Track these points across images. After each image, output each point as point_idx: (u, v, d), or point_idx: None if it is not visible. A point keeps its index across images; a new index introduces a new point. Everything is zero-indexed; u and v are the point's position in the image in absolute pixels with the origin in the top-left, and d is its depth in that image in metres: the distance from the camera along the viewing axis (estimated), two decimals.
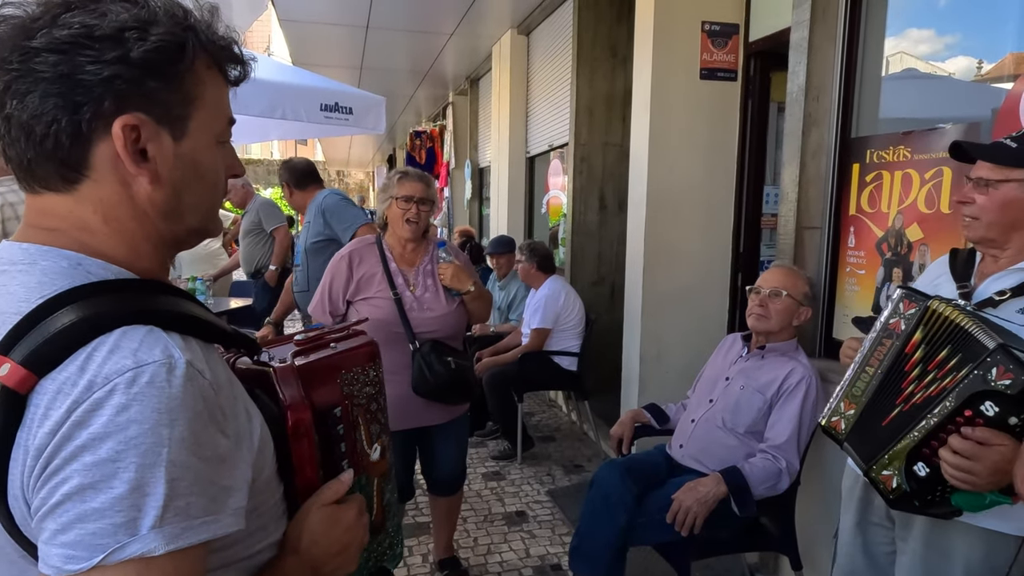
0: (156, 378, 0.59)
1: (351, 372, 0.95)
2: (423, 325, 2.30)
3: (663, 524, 2.07)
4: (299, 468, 0.82)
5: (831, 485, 2.19)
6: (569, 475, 3.82)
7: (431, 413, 2.38)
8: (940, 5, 2.25)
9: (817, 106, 2.50)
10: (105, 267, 0.67)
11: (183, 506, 0.60)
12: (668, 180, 3.42)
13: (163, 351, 0.61)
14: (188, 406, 0.61)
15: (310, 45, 6.69)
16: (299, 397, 0.83)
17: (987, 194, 1.46)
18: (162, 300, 0.67)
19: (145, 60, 0.64)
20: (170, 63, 0.67)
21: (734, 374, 2.33)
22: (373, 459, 0.97)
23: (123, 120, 0.65)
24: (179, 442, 0.59)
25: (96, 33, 0.63)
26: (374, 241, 2.40)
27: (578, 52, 4.63)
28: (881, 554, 1.71)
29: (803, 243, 2.59)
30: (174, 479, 0.59)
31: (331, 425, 0.89)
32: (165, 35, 0.66)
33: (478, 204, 8.30)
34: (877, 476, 1.44)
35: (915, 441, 1.37)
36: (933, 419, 1.34)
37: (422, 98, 9.52)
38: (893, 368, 1.48)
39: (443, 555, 2.76)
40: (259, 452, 0.72)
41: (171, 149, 0.69)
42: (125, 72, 0.64)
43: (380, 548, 1.03)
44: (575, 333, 4.10)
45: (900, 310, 1.49)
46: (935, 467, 1.34)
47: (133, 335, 0.61)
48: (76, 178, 0.67)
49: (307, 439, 0.82)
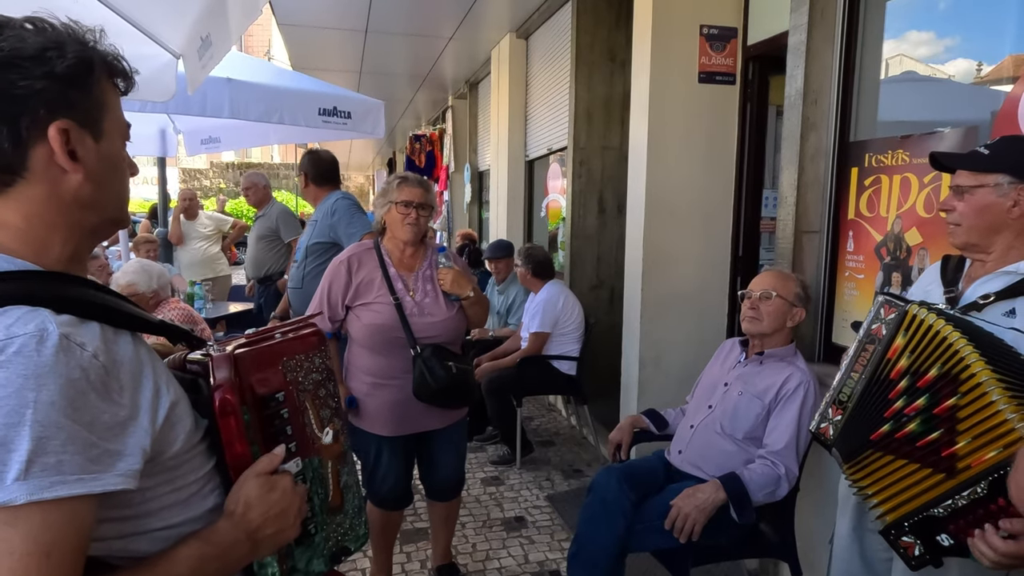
0: (25, 348, 0.67)
1: (293, 359, 1.02)
2: (424, 330, 2.29)
3: (662, 530, 2.06)
4: (227, 444, 0.89)
5: (830, 491, 2.18)
6: (568, 480, 3.81)
7: (430, 418, 2.37)
8: (940, 7, 2.24)
9: (815, 110, 2.49)
10: (9, 260, 0.76)
11: (52, 463, 0.66)
12: (667, 184, 3.42)
13: (37, 325, 0.69)
14: (59, 373, 0.68)
15: (309, 49, 6.69)
16: (227, 380, 0.90)
17: (964, 200, 1.51)
18: (60, 287, 0.76)
19: (66, 74, 0.76)
20: (85, 76, 0.79)
21: (732, 380, 2.32)
22: (326, 442, 1.04)
23: (56, 125, 0.76)
24: (47, 405, 0.66)
25: (24, 54, 0.74)
26: (372, 246, 2.40)
27: (577, 56, 4.63)
28: (878, 560, 1.71)
29: (802, 247, 2.58)
30: (41, 437, 0.66)
31: (275, 409, 0.97)
32: (78, 53, 0.78)
33: (477, 208, 8.30)
34: (897, 541, 1.41)
35: (942, 517, 1.34)
36: (962, 501, 1.30)
37: (421, 102, 9.53)
38: (876, 374, 1.49)
39: (441, 561, 2.74)
40: (166, 428, 0.80)
41: (94, 149, 0.80)
42: (52, 85, 0.75)
43: (340, 529, 1.07)
44: (574, 337, 4.09)
45: (881, 315, 1.52)
46: (961, 541, 1.30)
47: (12, 313, 0.69)
48: (12, 181, 0.76)
49: (234, 417, 0.89)
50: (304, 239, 3.42)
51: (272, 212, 4.85)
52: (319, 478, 1.02)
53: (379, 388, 2.32)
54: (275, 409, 0.97)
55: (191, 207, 5.94)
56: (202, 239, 5.99)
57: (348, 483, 1.09)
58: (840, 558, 1.78)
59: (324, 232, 3.29)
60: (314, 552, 1.01)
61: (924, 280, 1.74)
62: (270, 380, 0.97)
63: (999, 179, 1.47)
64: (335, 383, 1.09)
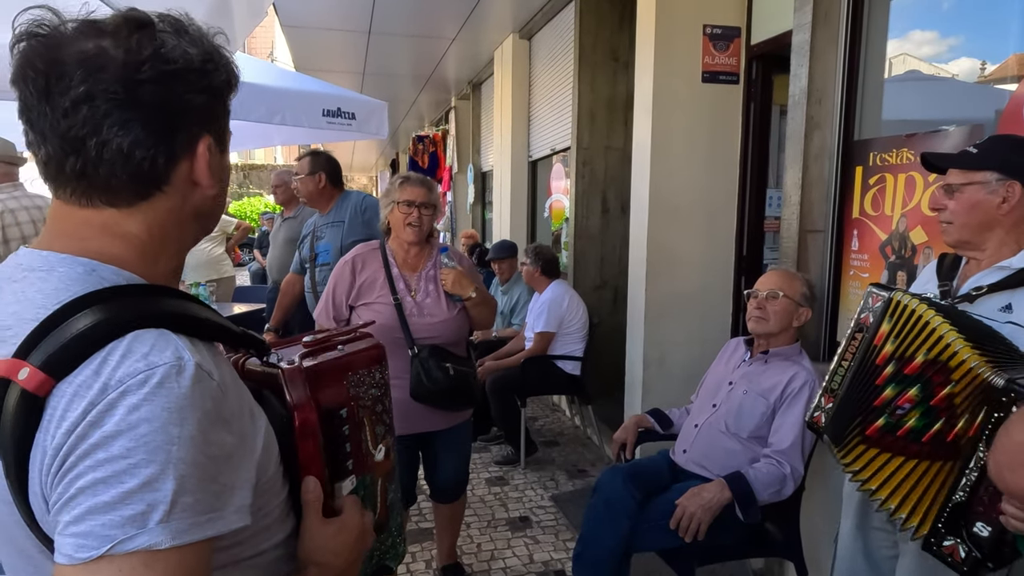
0: (166, 380, 0.62)
1: (357, 374, 0.98)
2: (423, 331, 2.30)
3: (667, 530, 2.06)
4: (305, 467, 0.84)
5: (835, 490, 2.18)
6: (573, 480, 3.81)
7: (433, 419, 2.38)
8: (943, 6, 2.24)
9: (819, 109, 2.49)
10: (117, 272, 0.71)
11: (190, 502, 0.62)
12: (670, 183, 3.42)
13: (173, 353, 0.64)
14: (197, 406, 0.64)
15: (313, 50, 6.70)
16: (306, 398, 0.85)
17: (955, 198, 1.54)
18: (170, 303, 0.70)
19: (220, 88, 0.75)
20: (228, 90, 0.77)
21: (737, 379, 2.32)
22: (378, 459, 1.00)
23: (206, 141, 0.74)
24: (187, 440, 0.62)
25: (192, 66, 0.71)
26: (378, 246, 2.41)
27: (580, 56, 4.63)
28: (882, 558, 1.71)
29: (806, 246, 2.58)
30: (182, 476, 0.61)
31: (337, 425, 0.92)
32: (227, 66, 0.76)
33: (481, 208, 8.31)
34: (940, 550, 1.37)
35: (962, 502, 1.33)
36: (973, 474, 1.31)
37: (424, 103, 9.54)
38: (864, 361, 1.54)
39: (446, 561, 2.75)
40: (263, 452, 0.74)
41: (219, 160, 0.78)
42: (207, 100, 0.73)
43: (383, 547, 1.05)
44: (578, 337, 4.09)
45: (869, 304, 1.57)
46: (995, 522, 1.26)
47: (145, 338, 0.64)
48: (150, 194, 0.73)
49: (313, 439, 0.84)
50: (334, 242, 3.34)
51: (302, 216, 4.77)
52: (370, 496, 1.00)
53: None
54: (337, 425, 0.93)
55: None
56: (206, 240, 5.97)
57: (393, 501, 1.07)
58: (844, 556, 1.79)
59: (358, 230, 3.24)
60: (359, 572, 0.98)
61: (922, 278, 1.77)
62: (335, 395, 0.93)
63: (987, 176, 1.50)
64: (390, 399, 1.06)
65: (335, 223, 3.38)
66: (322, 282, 3.30)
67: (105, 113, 0.67)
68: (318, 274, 3.35)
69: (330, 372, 0.93)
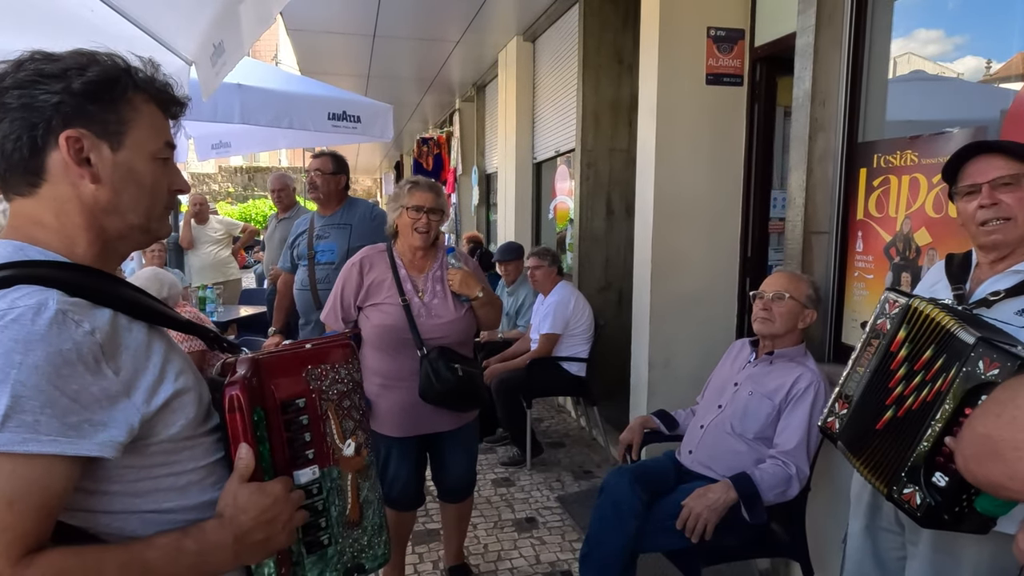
0: (21, 317, 0.75)
1: (318, 368, 1.04)
2: (431, 331, 2.31)
3: (673, 531, 2.07)
4: (233, 439, 0.91)
5: (841, 491, 2.18)
6: (578, 481, 3.82)
7: (441, 419, 2.39)
8: (948, 5, 2.25)
9: (823, 111, 2.50)
10: (43, 253, 0.85)
11: (30, 421, 0.73)
12: (675, 185, 3.43)
13: (37, 300, 0.76)
14: (49, 342, 0.75)
15: (317, 54, 6.73)
16: (240, 378, 0.92)
17: (1012, 192, 1.43)
18: (82, 276, 0.84)
19: (84, 90, 0.85)
20: (105, 92, 0.87)
21: (743, 380, 2.33)
22: (347, 454, 1.05)
23: (66, 133, 0.84)
24: (31, 368, 0.73)
25: (46, 72, 0.84)
26: (385, 248, 2.42)
27: (584, 58, 4.64)
28: (891, 559, 1.70)
29: (811, 248, 2.59)
30: (19, 396, 0.73)
31: (293, 414, 0.99)
32: (100, 72, 0.86)
33: (485, 210, 8.32)
34: (900, 497, 1.39)
35: (926, 451, 1.34)
36: (937, 424, 1.31)
37: (429, 105, 9.56)
38: (880, 366, 1.51)
39: (453, 562, 2.76)
40: (163, 411, 0.85)
41: (110, 157, 0.88)
42: (68, 99, 0.84)
43: (357, 545, 1.07)
44: (584, 339, 4.10)
45: (886, 310, 1.54)
46: (953, 473, 1.28)
47: (22, 289, 0.78)
48: (36, 182, 0.86)
49: (240, 414, 0.91)
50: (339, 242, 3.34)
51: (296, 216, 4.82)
52: (337, 489, 1.03)
53: (388, 389, 2.34)
54: (294, 415, 0.99)
55: (201, 211, 5.98)
56: (212, 243, 6.03)
57: (369, 499, 1.09)
58: (853, 558, 1.79)
59: (367, 236, 3.22)
60: (327, 564, 1.02)
61: (929, 279, 1.74)
62: (291, 386, 1.00)
63: None
64: (362, 396, 1.10)
65: (341, 225, 3.39)
66: (322, 280, 3.32)
67: None
68: (318, 272, 3.36)
69: (284, 363, 1.01)
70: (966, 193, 1.51)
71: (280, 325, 3.64)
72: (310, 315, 3.38)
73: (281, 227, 4.82)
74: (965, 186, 1.51)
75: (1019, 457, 0.75)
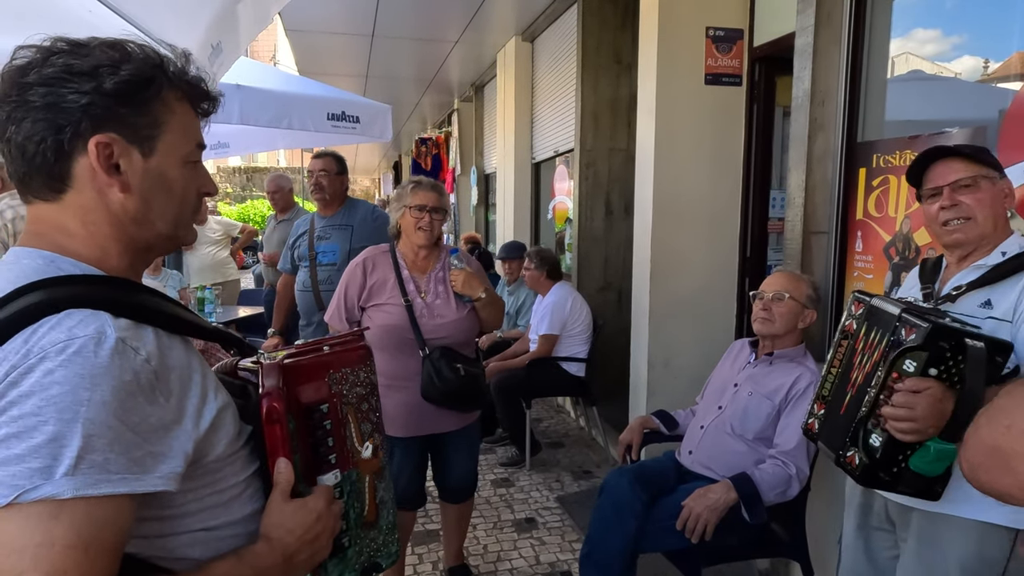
0: (84, 349, 0.69)
1: (339, 372, 1.02)
2: (434, 331, 2.31)
3: (673, 531, 2.07)
4: (271, 451, 0.90)
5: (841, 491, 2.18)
6: (578, 481, 3.82)
7: (443, 420, 2.39)
8: (946, 5, 2.25)
9: (822, 111, 2.50)
10: (75, 264, 0.79)
11: (100, 460, 0.68)
12: (674, 185, 3.43)
13: (96, 328, 0.71)
14: (113, 375, 0.70)
15: (316, 54, 6.73)
16: (274, 388, 0.91)
17: (971, 192, 1.51)
18: (121, 292, 0.78)
19: (116, 90, 0.78)
20: (138, 92, 0.80)
21: (742, 380, 2.33)
22: (365, 456, 1.04)
23: (96, 138, 0.78)
24: (99, 404, 0.68)
25: (75, 70, 0.77)
26: (388, 249, 2.43)
27: (583, 58, 4.65)
28: (884, 558, 1.72)
29: (810, 248, 2.59)
30: (90, 435, 0.68)
31: (318, 420, 0.98)
32: (134, 71, 0.80)
33: (484, 210, 8.32)
34: (845, 460, 1.50)
35: (863, 415, 1.45)
36: (872, 390, 1.43)
37: (427, 105, 9.56)
38: (849, 366, 1.59)
39: (453, 563, 2.76)
40: (210, 432, 0.81)
41: (140, 164, 0.82)
42: (99, 100, 0.77)
43: (373, 544, 1.08)
44: (582, 339, 4.10)
45: (852, 311, 1.62)
46: (886, 434, 1.40)
47: (75, 315, 0.72)
48: (61, 188, 0.80)
49: (279, 425, 0.90)
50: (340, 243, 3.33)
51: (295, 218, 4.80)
52: (356, 492, 1.03)
53: (391, 389, 2.33)
54: (318, 420, 0.98)
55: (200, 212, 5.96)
56: (211, 244, 6.02)
57: (384, 499, 1.09)
58: (847, 557, 1.80)
59: (368, 237, 3.21)
60: (346, 566, 1.02)
61: (908, 282, 1.80)
62: (316, 391, 0.99)
63: (990, 171, 1.52)
64: (378, 398, 1.10)
65: (343, 226, 3.38)
66: (324, 281, 3.31)
67: (7, 116, 0.78)
68: (320, 273, 3.35)
69: (310, 368, 0.99)
70: (929, 196, 1.60)
71: (279, 326, 3.63)
72: (312, 316, 3.37)
73: (280, 228, 4.82)
74: (928, 189, 1.60)
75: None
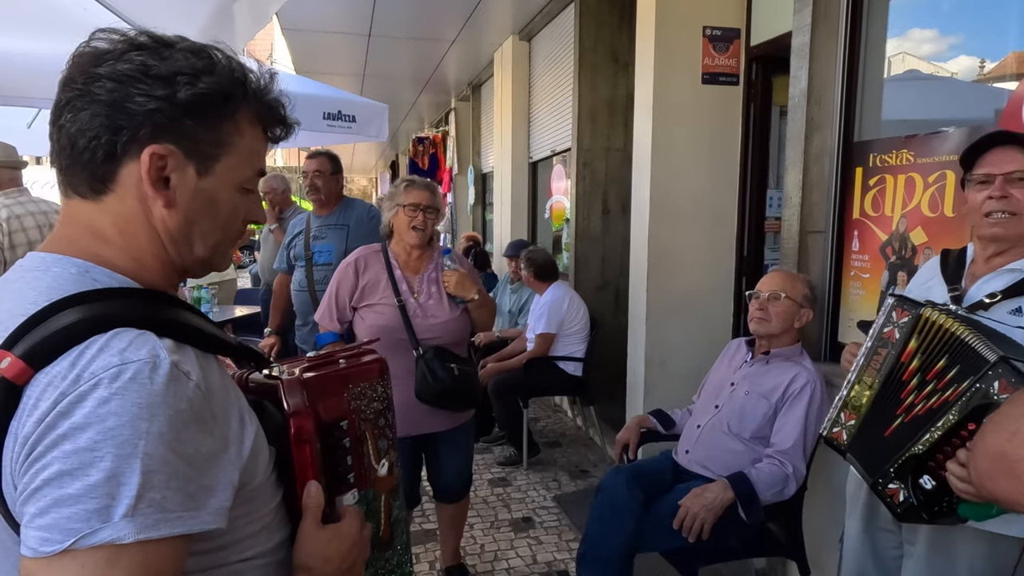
0: (139, 375, 0.63)
1: (358, 387, 0.97)
2: (426, 331, 2.31)
3: (670, 530, 2.07)
4: (301, 474, 0.84)
5: (838, 490, 2.19)
6: (575, 480, 3.82)
7: (436, 419, 2.39)
8: (943, 5, 2.25)
9: (819, 110, 2.50)
10: (110, 275, 0.73)
11: (158, 499, 0.62)
12: (671, 184, 3.43)
13: (149, 351, 0.65)
14: (169, 403, 0.64)
15: (312, 53, 6.72)
16: (302, 406, 0.85)
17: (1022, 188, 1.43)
18: (160, 308, 0.73)
19: (189, 102, 0.73)
20: (211, 108, 0.75)
21: (739, 380, 2.33)
22: (381, 474, 0.99)
23: (152, 148, 0.72)
24: (156, 436, 0.62)
25: (151, 72, 0.72)
26: (380, 249, 2.42)
27: (580, 58, 4.64)
28: (889, 558, 1.71)
29: (807, 247, 2.59)
30: (149, 471, 0.61)
31: (337, 438, 0.92)
32: (213, 85, 0.74)
33: (481, 209, 8.32)
34: (884, 490, 1.42)
35: (919, 453, 1.35)
36: (937, 432, 1.32)
37: (424, 104, 9.55)
38: (891, 378, 1.49)
39: (450, 562, 2.75)
40: (251, 458, 0.75)
41: (193, 182, 0.76)
42: (167, 109, 0.72)
43: (388, 565, 1.03)
44: (579, 338, 4.10)
45: (893, 319, 1.50)
46: (941, 479, 1.30)
47: (124, 336, 0.65)
48: (102, 189, 0.74)
49: (308, 446, 0.85)
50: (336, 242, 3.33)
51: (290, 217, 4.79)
52: (372, 511, 0.99)
53: None
54: (338, 438, 0.93)
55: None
56: None
57: (398, 518, 1.05)
58: (851, 557, 1.79)
59: (364, 236, 3.22)
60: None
61: (923, 276, 1.72)
62: (336, 407, 0.93)
63: None
64: (393, 413, 1.05)
65: (339, 225, 3.38)
66: (320, 281, 3.31)
67: (67, 101, 0.73)
68: (316, 273, 3.35)
69: (330, 383, 0.94)
70: (979, 182, 1.50)
71: (276, 326, 3.63)
72: (308, 316, 3.37)
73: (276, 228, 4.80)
74: (979, 174, 1.50)
75: None
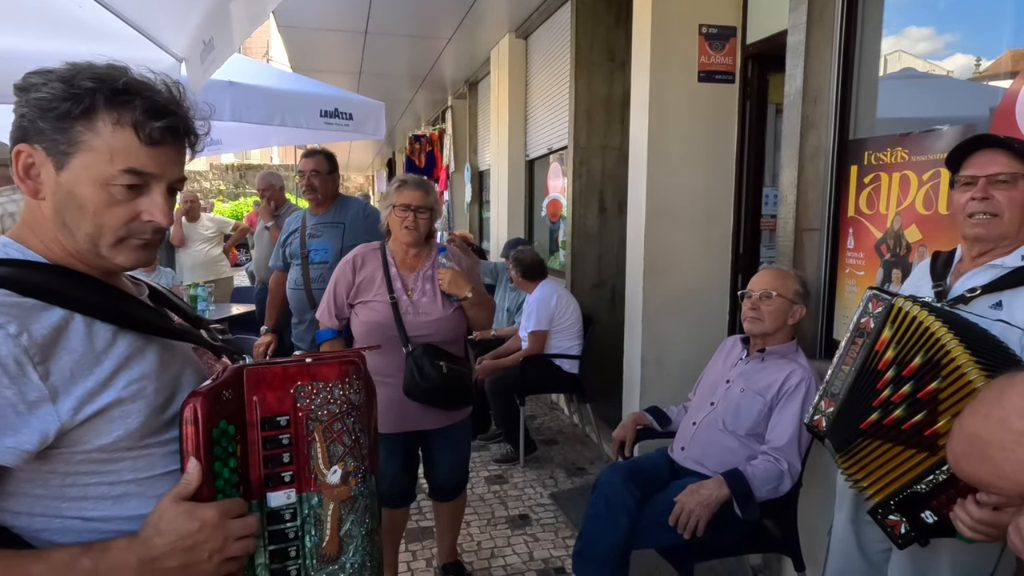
0: None
1: (310, 386, 0.96)
2: (418, 329, 2.32)
3: (666, 527, 2.08)
4: (183, 453, 0.86)
5: (832, 486, 2.20)
6: (571, 478, 3.83)
7: (429, 417, 2.39)
8: (938, 3, 2.26)
9: (815, 109, 2.51)
10: (20, 250, 0.87)
11: None
12: (667, 183, 3.43)
13: None
14: None
15: (309, 51, 6.70)
16: (207, 389, 0.88)
17: (1007, 189, 1.46)
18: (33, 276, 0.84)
19: (37, 104, 0.84)
20: (56, 110, 0.83)
21: (734, 377, 2.34)
22: (330, 481, 0.97)
23: (18, 147, 0.86)
24: None
25: (19, 84, 0.85)
26: (378, 247, 2.43)
27: (576, 56, 4.64)
28: (875, 551, 1.73)
29: (802, 245, 2.60)
30: None
31: (273, 431, 0.94)
32: (56, 89, 0.83)
33: (478, 207, 8.32)
34: (884, 520, 1.46)
35: (923, 492, 1.38)
36: (941, 476, 1.35)
37: (421, 102, 9.54)
38: (865, 365, 1.54)
39: (447, 559, 2.76)
40: (99, 420, 0.83)
41: (52, 176, 0.86)
42: (27, 112, 0.85)
43: None
44: (572, 334, 4.11)
45: (869, 309, 1.57)
46: (944, 516, 1.34)
47: None
48: None
49: (193, 427, 0.85)
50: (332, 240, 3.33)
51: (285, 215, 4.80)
52: (315, 518, 0.96)
53: (376, 385, 2.33)
54: (274, 432, 0.93)
55: (192, 209, 5.94)
56: (204, 241, 6.00)
57: (352, 533, 0.99)
58: (837, 549, 1.81)
59: (360, 235, 3.22)
60: None
61: (915, 276, 1.77)
62: (278, 402, 0.94)
63: None
64: (362, 421, 1.01)
65: (335, 224, 3.37)
66: (316, 279, 3.31)
67: None
68: (312, 271, 3.35)
69: (270, 377, 0.94)
70: (964, 184, 1.54)
71: (272, 324, 3.62)
72: (304, 314, 3.37)
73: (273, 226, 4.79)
74: (964, 176, 1.53)
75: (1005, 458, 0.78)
